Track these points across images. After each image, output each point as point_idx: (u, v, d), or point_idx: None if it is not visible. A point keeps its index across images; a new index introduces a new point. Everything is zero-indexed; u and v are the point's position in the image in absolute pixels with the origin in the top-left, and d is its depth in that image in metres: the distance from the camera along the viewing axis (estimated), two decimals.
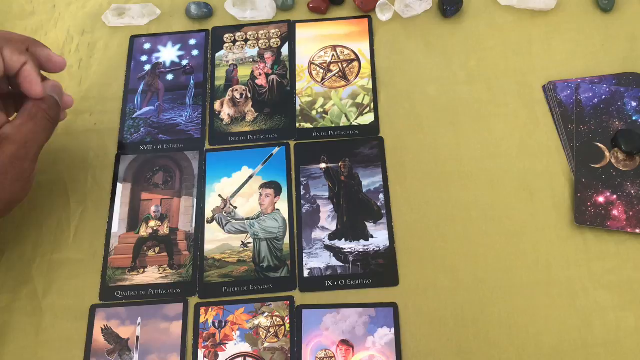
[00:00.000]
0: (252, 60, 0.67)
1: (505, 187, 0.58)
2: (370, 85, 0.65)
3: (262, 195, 0.60)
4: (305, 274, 0.56)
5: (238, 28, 0.69)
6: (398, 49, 0.66)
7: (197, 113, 0.64)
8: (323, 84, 0.65)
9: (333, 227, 0.58)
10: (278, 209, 0.59)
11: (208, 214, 0.59)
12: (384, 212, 0.58)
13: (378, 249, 0.56)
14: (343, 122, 0.63)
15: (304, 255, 0.56)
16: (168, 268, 0.57)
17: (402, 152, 0.61)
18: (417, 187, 0.59)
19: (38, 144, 0.51)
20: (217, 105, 0.65)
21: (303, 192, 0.59)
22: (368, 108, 0.63)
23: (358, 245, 0.57)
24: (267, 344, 0.53)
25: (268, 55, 0.67)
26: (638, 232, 0.55)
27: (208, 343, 0.53)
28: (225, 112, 0.64)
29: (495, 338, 0.52)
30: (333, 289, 0.55)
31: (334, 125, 0.63)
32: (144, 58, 0.68)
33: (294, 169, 0.61)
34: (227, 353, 0.53)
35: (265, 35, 0.69)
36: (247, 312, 0.54)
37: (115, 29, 0.70)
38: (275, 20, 0.69)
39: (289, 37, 0.68)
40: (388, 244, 0.56)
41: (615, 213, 0.56)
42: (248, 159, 0.61)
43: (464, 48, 0.66)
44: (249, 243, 0.58)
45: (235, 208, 0.59)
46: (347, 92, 0.64)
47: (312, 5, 0.69)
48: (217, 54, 0.68)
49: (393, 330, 0.52)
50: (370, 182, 0.59)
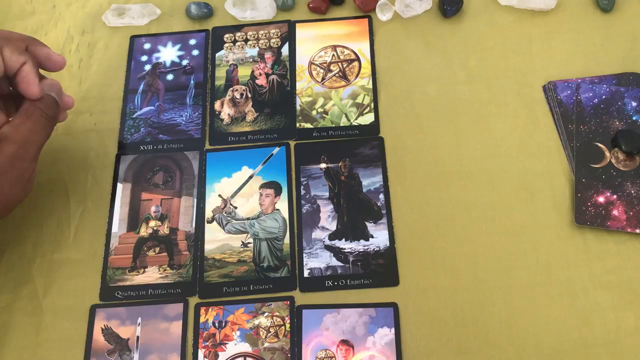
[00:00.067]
0: (252, 60, 0.67)
1: (505, 187, 0.58)
2: (371, 85, 0.65)
3: (262, 195, 0.60)
4: (306, 274, 0.56)
5: (238, 28, 0.69)
6: (398, 49, 0.66)
7: (197, 113, 0.64)
8: (323, 84, 0.65)
9: (333, 227, 0.58)
10: (278, 209, 0.59)
11: (208, 214, 0.59)
12: (384, 212, 0.58)
13: (378, 249, 0.56)
14: (343, 122, 0.63)
15: (304, 255, 0.56)
16: (168, 268, 0.57)
17: (402, 152, 0.61)
18: (417, 187, 0.59)
19: (37, 144, 0.51)
20: (217, 105, 0.65)
21: (303, 192, 0.59)
22: (368, 108, 0.63)
23: (358, 245, 0.57)
24: (267, 344, 0.53)
25: (268, 55, 0.67)
26: (638, 232, 0.55)
27: (208, 343, 0.53)
28: (226, 112, 0.64)
29: (495, 338, 0.52)
30: (333, 289, 0.55)
31: (334, 125, 0.63)
32: (144, 58, 0.68)
33: (294, 169, 0.61)
34: (227, 353, 0.53)
35: (266, 35, 0.69)
36: (247, 312, 0.54)
37: (115, 29, 0.70)
38: (276, 20, 0.69)
39: (289, 37, 0.68)
40: (388, 244, 0.56)
41: (616, 213, 0.56)
42: (248, 159, 0.61)
43: (464, 48, 0.66)
44: (249, 243, 0.58)
45: (236, 208, 0.59)
46: (347, 92, 0.64)
47: (312, 5, 0.69)
48: (217, 54, 0.68)
49: (393, 330, 0.52)
50: (370, 182, 0.59)
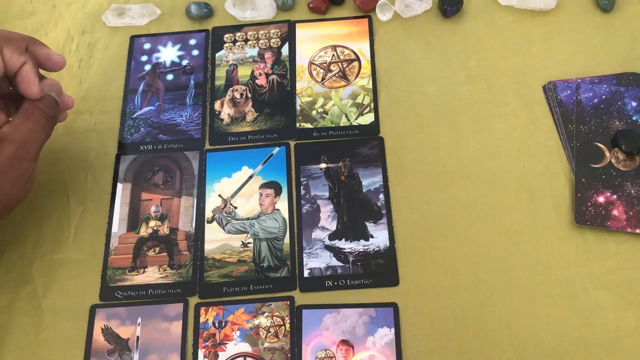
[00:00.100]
0: (252, 60, 0.67)
1: (505, 187, 0.58)
2: (370, 85, 0.65)
3: (262, 195, 0.60)
4: (306, 274, 0.56)
5: (238, 28, 0.69)
6: (398, 49, 0.66)
7: (197, 113, 0.64)
8: (323, 84, 0.65)
9: (333, 227, 0.58)
10: (278, 209, 0.59)
11: (208, 214, 0.59)
12: (384, 212, 0.58)
13: (378, 249, 0.56)
14: (343, 122, 0.63)
15: (304, 255, 0.56)
16: (168, 268, 0.57)
17: (402, 152, 0.61)
18: (417, 187, 0.59)
19: (37, 144, 0.51)
20: (217, 105, 0.65)
21: (303, 192, 0.59)
22: (368, 108, 0.63)
23: (358, 245, 0.57)
24: (267, 344, 0.53)
25: (268, 55, 0.67)
26: (638, 232, 0.55)
27: (208, 343, 0.53)
28: (226, 112, 0.64)
29: (495, 338, 0.52)
30: (333, 289, 0.55)
31: (334, 125, 0.63)
32: (144, 58, 0.68)
33: (294, 169, 0.61)
34: (227, 353, 0.53)
35: (266, 35, 0.69)
36: (247, 312, 0.54)
37: (115, 29, 0.70)
38: (275, 20, 0.69)
39: (289, 37, 0.68)
40: (388, 244, 0.56)
41: (615, 213, 0.56)
42: (248, 159, 0.61)
43: (464, 48, 0.66)
44: (249, 243, 0.58)
45: (236, 208, 0.59)
46: (347, 92, 0.64)
47: (312, 5, 0.69)
48: (217, 54, 0.68)
49: (393, 330, 0.52)
50: (370, 182, 0.59)
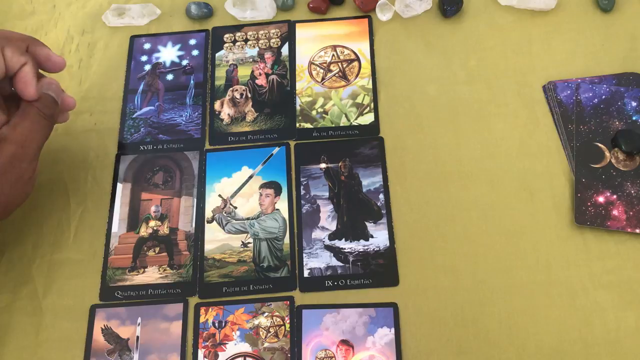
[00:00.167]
0: (252, 60, 0.67)
1: (505, 187, 0.58)
2: (370, 85, 0.65)
3: (262, 195, 0.60)
4: (305, 274, 0.56)
5: (238, 28, 0.69)
6: (398, 49, 0.66)
7: (197, 113, 0.64)
8: (323, 84, 0.65)
9: (333, 227, 0.58)
10: (278, 209, 0.59)
11: (208, 214, 0.59)
12: (384, 212, 0.58)
13: (378, 249, 0.56)
14: (343, 122, 0.63)
15: (304, 255, 0.56)
16: (168, 268, 0.57)
17: (402, 152, 0.61)
18: (417, 187, 0.59)
19: (36, 144, 0.51)
20: (217, 105, 0.65)
21: (303, 192, 0.59)
22: (368, 108, 0.63)
23: (358, 245, 0.57)
24: (267, 344, 0.53)
25: (268, 55, 0.67)
26: (638, 232, 0.55)
27: (208, 343, 0.53)
28: (225, 112, 0.64)
29: (495, 338, 0.52)
30: (333, 289, 0.55)
31: (334, 125, 0.63)
32: (144, 58, 0.68)
33: (294, 169, 0.61)
34: (227, 353, 0.53)
35: (265, 35, 0.69)
36: (247, 312, 0.54)
37: (115, 29, 0.70)
38: (275, 20, 0.69)
39: (289, 37, 0.68)
40: (388, 244, 0.56)
41: (615, 213, 0.56)
42: (248, 159, 0.61)
43: (464, 48, 0.66)
44: (249, 243, 0.58)
45: (235, 208, 0.59)
46: (347, 92, 0.64)
47: (312, 5, 0.69)
48: (217, 54, 0.68)
49: (393, 330, 0.52)
50: (370, 182, 0.59)
